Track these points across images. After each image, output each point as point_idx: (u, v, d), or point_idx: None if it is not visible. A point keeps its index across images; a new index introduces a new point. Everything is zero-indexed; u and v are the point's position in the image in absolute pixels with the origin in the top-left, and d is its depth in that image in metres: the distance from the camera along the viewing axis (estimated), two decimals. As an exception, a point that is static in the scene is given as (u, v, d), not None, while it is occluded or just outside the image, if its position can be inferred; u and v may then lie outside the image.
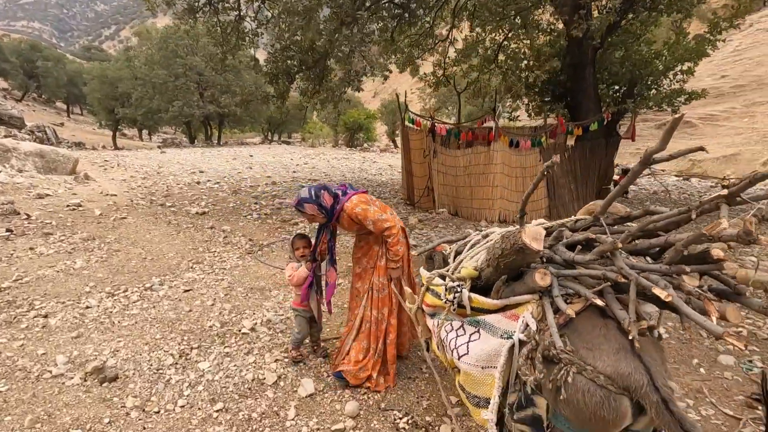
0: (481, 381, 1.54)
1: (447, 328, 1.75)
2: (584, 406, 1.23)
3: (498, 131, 7.34)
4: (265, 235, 6.72)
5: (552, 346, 1.31)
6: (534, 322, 1.44)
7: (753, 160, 24.15)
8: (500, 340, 1.50)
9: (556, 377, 1.27)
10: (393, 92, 46.26)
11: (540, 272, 1.45)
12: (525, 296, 1.52)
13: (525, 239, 1.41)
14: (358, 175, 14.35)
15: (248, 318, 3.64)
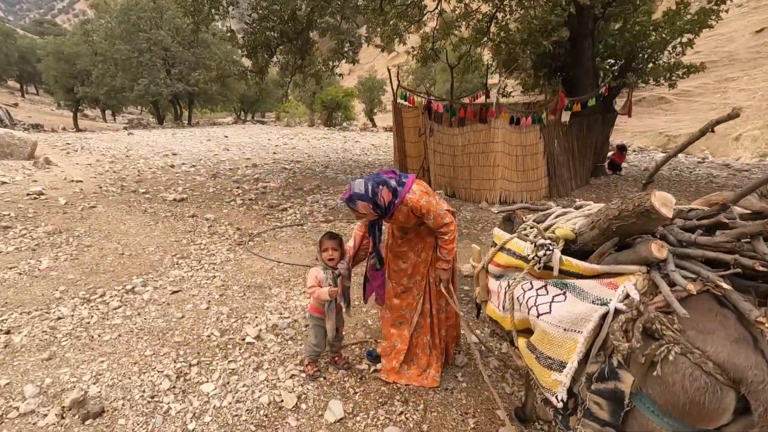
0: (560, 343, 1.46)
1: (525, 286, 1.66)
2: (681, 390, 1.14)
3: (499, 107, 6.95)
4: (254, 223, 6.19)
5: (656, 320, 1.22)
6: (637, 293, 1.34)
7: (726, 135, 24.73)
8: (591, 306, 1.41)
9: (654, 353, 1.19)
10: (369, 69, 45.08)
11: (657, 243, 1.36)
12: (631, 267, 1.43)
13: (655, 202, 1.32)
14: (342, 156, 13.77)
15: (251, 323, 3.19)
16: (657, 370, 1.18)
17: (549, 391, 1.49)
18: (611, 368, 1.31)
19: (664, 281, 1.35)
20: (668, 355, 1.17)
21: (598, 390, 1.32)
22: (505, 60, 8.20)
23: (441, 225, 2.26)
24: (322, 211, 6.90)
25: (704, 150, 23.76)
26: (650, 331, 1.24)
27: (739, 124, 24.97)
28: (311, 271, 2.51)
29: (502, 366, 2.82)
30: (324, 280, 2.45)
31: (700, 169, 10.99)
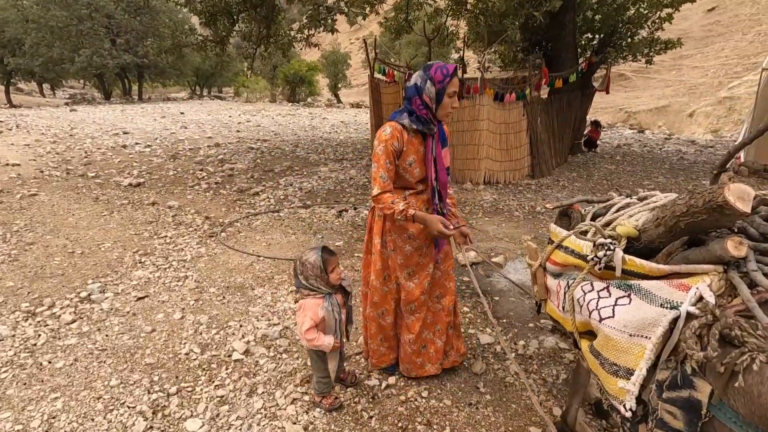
0: (626, 349, 1.36)
1: (586, 288, 1.55)
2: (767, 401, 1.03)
3: (483, 83, 6.60)
4: (224, 210, 5.63)
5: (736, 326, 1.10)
6: (712, 296, 1.22)
7: (681, 112, 25.72)
8: (660, 309, 1.30)
9: (734, 361, 1.08)
10: (332, 42, 43.40)
11: (735, 240, 1.22)
12: (704, 266, 1.29)
13: (729, 197, 1.17)
14: (312, 134, 13.11)
15: (236, 334, 2.76)
16: (739, 380, 1.07)
17: (616, 399, 1.39)
18: (684, 376, 1.20)
19: (744, 282, 1.21)
20: (752, 365, 1.06)
21: (671, 399, 1.23)
22: (490, 32, 7.81)
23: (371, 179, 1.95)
24: (298, 195, 6.41)
25: (661, 126, 24.65)
26: (729, 337, 1.12)
27: (693, 101, 26.01)
28: (306, 306, 1.94)
29: (523, 369, 2.57)
30: (329, 314, 1.97)
31: (668, 145, 11.23)
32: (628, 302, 1.39)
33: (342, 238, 4.73)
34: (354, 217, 5.43)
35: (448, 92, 1.89)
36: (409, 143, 1.95)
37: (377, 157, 1.93)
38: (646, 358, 1.30)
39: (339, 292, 2.08)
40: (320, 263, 1.93)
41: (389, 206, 1.89)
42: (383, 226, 2.12)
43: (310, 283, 1.96)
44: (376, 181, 1.92)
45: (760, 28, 27.75)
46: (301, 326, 1.94)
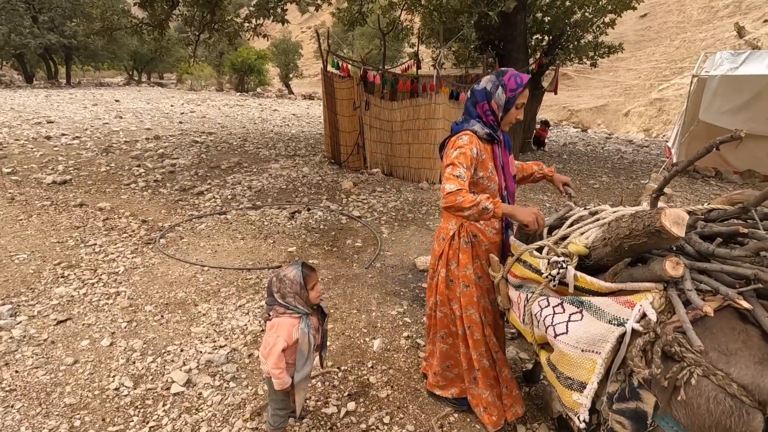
0: (579, 364, 1.45)
1: (542, 303, 1.63)
2: (707, 413, 1.13)
3: (439, 81, 6.53)
4: (164, 212, 5.17)
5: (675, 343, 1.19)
6: (654, 313, 1.31)
7: (618, 111, 27.42)
8: (608, 326, 1.38)
9: (675, 376, 1.17)
10: (282, 30, 41.94)
11: (672, 260, 1.31)
12: (646, 284, 1.38)
13: (665, 222, 1.29)
14: (261, 127, 12.53)
15: (176, 362, 2.47)
16: (681, 393, 1.16)
17: (572, 411, 1.48)
18: (632, 389, 1.30)
19: (680, 300, 1.29)
20: (690, 378, 1.15)
21: (620, 410, 1.31)
22: (445, 29, 7.75)
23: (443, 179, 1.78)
24: (247, 194, 6.04)
25: (600, 124, 26.13)
26: (670, 353, 1.21)
27: (628, 101, 27.79)
28: (281, 325, 1.74)
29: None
30: (305, 336, 1.77)
31: (608, 144, 11.85)
32: (580, 318, 1.47)
33: (294, 242, 4.48)
34: (307, 219, 5.18)
35: (516, 103, 1.85)
36: (485, 150, 1.87)
37: (453, 159, 1.76)
38: (597, 372, 1.38)
39: (315, 314, 1.90)
40: (300, 279, 1.76)
41: (470, 200, 1.67)
42: (472, 253, 1.99)
43: (287, 301, 1.77)
44: (451, 178, 1.71)
45: (685, 35, 30.09)
46: (270, 348, 1.74)
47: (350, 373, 2.52)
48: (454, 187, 1.69)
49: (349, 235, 4.77)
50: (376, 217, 5.43)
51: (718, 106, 7.63)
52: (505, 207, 1.74)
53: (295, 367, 1.79)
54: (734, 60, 7.79)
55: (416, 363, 2.66)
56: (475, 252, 2.00)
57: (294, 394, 1.86)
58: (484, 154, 1.86)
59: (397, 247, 4.54)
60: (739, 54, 7.97)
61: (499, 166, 1.94)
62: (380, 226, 5.10)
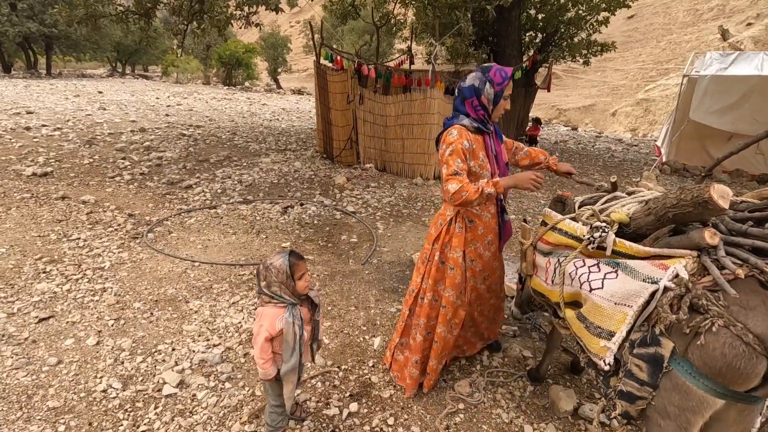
0: (610, 315, 1.61)
1: (578, 263, 1.80)
2: (721, 356, 1.29)
3: (435, 75, 6.45)
4: (151, 206, 4.99)
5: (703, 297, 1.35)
6: (686, 274, 1.46)
7: (605, 111, 27.72)
8: (642, 283, 1.54)
9: (698, 324, 1.33)
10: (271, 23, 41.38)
11: (710, 231, 1.48)
12: (682, 251, 1.54)
13: (713, 194, 1.43)
14: (251, 121, 12.30)
15: (167, 362, 2.35)
16: (701, 339, 1.31)
17: (596, 356, 1.62)
18: (653, 336, 1.44)
19: (714, 265, 1.44)
20: (712, 327, 1.30)
21: (640, 354, 1.47)
22: (442, 24, 7.65)
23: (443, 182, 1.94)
24: (238, 188, 5.88)
25: (588, 123, 26.40)
26: (696, 306, 1.36)
27: (615, 101, 28.11)
28: (264, 314, 1.68)
29: (489, 383, 2.43)
30: (289, 327, 1.68)
31: (598, 143, 11.93)
32: (615, 276, 1.61)
33: (288, 237, 4.36)
34: (301, 214, 5.05)
35: (504, 95, 1.98)
36: (475, 141, 2.00)
37: (447, 159, 1.92)
38: (627, 323, 1.53)
39: (305, 305, 1.81)
40: (286, 268, 1.69)
41: (473, 191, 1.86)
42: (465, 237, 2.13)
43: (272, 291, 1.69)
44: (450, 179, 1.89)
45: (671, 37, 30.55)
46: (254, 337, 1.69)
47: (351, 373, 2.43)
48: (456, 186, 1.86)
49: (343, 231, 4.67)
50: (370, 212, 5.34)
51: (708, 105, 7.72)
52: (504, 182, 1.92)
53: (283, 359, 1.73)
54: (724, 60, 7.88)
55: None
56: (471, 236, 2.15)
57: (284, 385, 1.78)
58: (475, 144, 1.98)
59: (393, 243, 4.45)
60: (728, 55, 8.06)
61: (491, 156, 2.06)
62: (375, 222, 5.01)
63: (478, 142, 2.00)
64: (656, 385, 1.43)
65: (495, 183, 1.88)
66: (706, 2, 29.82)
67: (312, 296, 1.81)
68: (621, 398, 1.52)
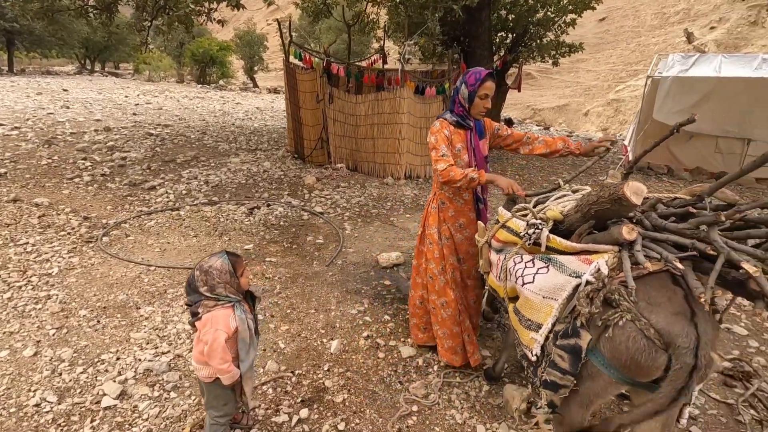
0: (539, 308, 1.69)
1: (516, 259, 1.88)
2: (625, 349, 1.38)
3: (404, 75, 6.44)
4: (109, 209, 4.81)
5: (616, 292, 1.44)
6: (606, 269, 1.52)
7: (578, 110, 28.30)
8: (568, 278, 1.61)
9: (609, 317, 1.42)
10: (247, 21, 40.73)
11: (628, 227, 1.55)
12: (605, 246, 1.62)
13: (626, 191, 1.50)
14: (223, 120, 12.05)
15: (110, 372, 2.25)
16: (609, 331, 1.42)
17: (527, 348, 1.73)
18: (574, 327, 1.52)
19: (629, 260, 1.51)
20: (619, 321, 1.40)
21: (562, 345, 1.55)
22: (410, 23, 7.64)
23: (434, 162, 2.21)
24: (203, 189, 5.73)
25: (562, 123, 26.93)
26: (610, 300, 1.45)
27: (587, 101, 28.74)
28: (215, 318, 1.63)
29: (446, 383, 2.42)
30: (243, 323, 1.68)
31: (569, 142, 12.16)
32: (547, 271, 1.70)
33: (252, 240, 4.26)
34: (267, 215, 4.96)
35: (479, 94, 2.17)
36: (455, 133, 2.25)
37: (434, 144, 2.20)
38: (552, 315, 1.62)
39: (244, 300, 1.78)
40: (229, 266, 1.69)
41: (460, 173, 2.11)
42: (438, 217, 2.40)
43: (217, 293, 1.67)
44: (439, 160, 2.15)
45: (639, 39, 31.42)
46: (210, 344, 1.61)
47: (305, 378, 2.38)
48: (445, 165, 2.14)
49: (310, 232, 4.60)
50: (339, 213, 5.28)
51: (670, 106, 7.95)
52: (488, 175, 2.14)
53: (239, 358, 1.70)
54: (685, 62, 8.13)
55: (375, 364, 2.55)
56: (442, 216, 2.41)
57: (242, 388, 1.75)
58: (454, 136, 2.24)
59: (360, 243, 4.41)
60: (689, 57, 8.33)
61: (470, 149, 2.28)
62: (343, 223, 4.96)
63: (459, 134, 2.26)
64: (577, 374, 1.51)
65: (480, 174, 2.13)
66: (672, 6, 30.78)
67: (253, 290, 1.82)
68: (545, 387, 1.60)
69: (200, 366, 1.69)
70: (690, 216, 1.60)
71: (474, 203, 2.43)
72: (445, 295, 2.42)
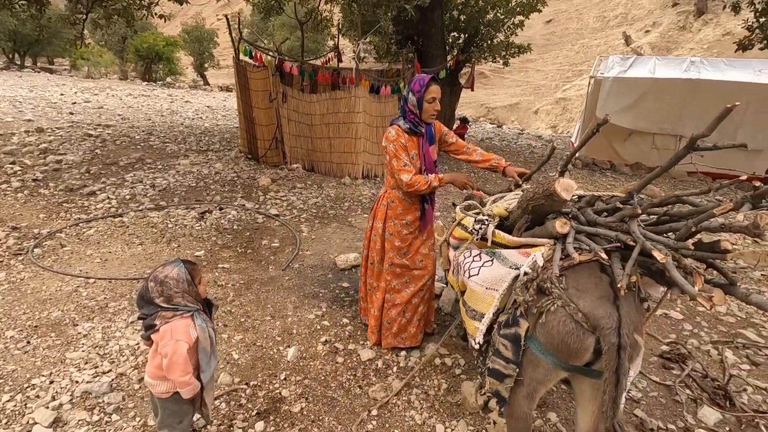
0: (482, 299, 1.79)
1: (466, 254, 1.97)
2: (557, 333, 1.47)
3: (359, 74, 6.39)
4: (42, 217, 4.45)
5: (548, 280, 1.52)
6: (542, 260, 1.63)
7: (528, 109, 29.40)
8: (508, 270, 1.71)
9: (543, 305, 1.50)
10: (195, 16, 39.06)
11: (561, 221, 1.64)
12: (542, 239, 1.72)
13: (557, 187, 1.59)
14: (170, 119, 11.48)
15: (42, 398, 2.06)
16: (543, 318, 1.50)
17: (472, 337, 1.85)
18: (515, 317, 1.62)
19: (561, 252, 1.62)
20: (551, 307, 1.48)
21: (505, 334, 1.63)
22: (363, 22, 7.59)
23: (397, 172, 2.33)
24: (150, 194, 5.43)
25: (514, 121, 27.88)
26: (543, 288, 1.54)
27: (537, 100, 29.91)
28: (175, 329, 1.57)
29: (405, 384, 2.43)
30: (204, 332, 1.65)
31: (521, 140, 12.60)
32: (491, 264, 1.81)
33: (203, 246, 4.08)
34: (219, 219, 4.77)
35: (426, 99, 2.26)
36: (409, 140, 2.34)
37: (394, 153, 2.29)
38: (494, 306, 1.73)
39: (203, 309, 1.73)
40: (186, 275, 1.63)
41: (424, 182, 2.27)
42: (385, 214, 2.51)
43: (175, 302, 1.61)
44: (402, 170, 2.28)
45: (583, 41, 33.08)
46: (170, 356, 1.54)
47: (260, 389, 2.30)
48: (408, 177, 2.27)
49: (265, 236, 4.47)
50: (295, 214, 5.17)
51: (612, 104, 8.42)
52: (445, 177, 2.32)
53: (200, 369, 1.65)
54: (623, 63, 8.65)
55: (334, 369, 2.51)
56: (390, 213, 2.50)
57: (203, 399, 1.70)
58: (409, 143, 2.34)
59: (317, 245, 4.34)
60: (627, 58, 8.86)
61: (422, 155, 2.37)
62: (300, 225, 4.86)
63: (413, 141, 2.35)
64: (519, 362, 1.59)
65: (440, 179, 2.28)
66: (611, 10, 32.64)
67: (210, 298, 1.78)
68: (491, 375, 1.67)
69: (156, 381, 1.62)
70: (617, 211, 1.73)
71: (420, 203, 2.51)
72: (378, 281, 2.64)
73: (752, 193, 1.34)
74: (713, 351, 2.99)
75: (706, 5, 24.28)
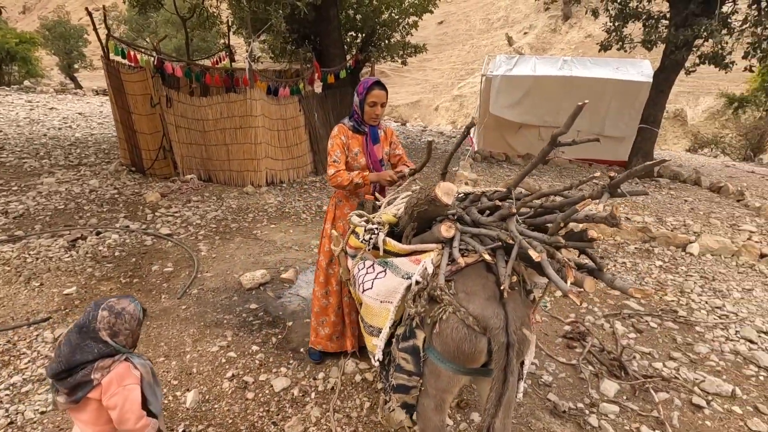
0: (378, 313, 1.72)
1: (360, 266, 1.89)
2: (451, 340, 1.45)
3: (253, 75, 5.97)
4: None
5: (438, 288, 1.50)
6: (432, 267, 1.60)
7: (429, 106, 30.74)
8: (401, 280, 1.65)
9: (435, 314, 1.47)
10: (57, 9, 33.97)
11: (446, 225, 1.63)
12: (431, 245, 1.69)
13: (437, 192, 1.56)
14: (30, 130, 9.76)
15: None
16: (437, 327, 1.47)
17: (371, 354, 1.76)
18: (411, 329, 1.59)
19: (447, 257, 1.60)
20: (443, 315, 1.46)
21: (404, 348, 1.60)
22: (255, 20, 7.12)
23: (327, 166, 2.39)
24: (1, 222, 4.49)
25: (416, 118, 28.92)
26: (434, 297, 1.50)
27: (436, 97, 31.39)
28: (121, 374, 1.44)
29: (325, 410, 2.25)
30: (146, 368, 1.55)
31: (424, 136, 13.04)
32: (384, 276, 1.73)
33: (75, 280, 3.45)
34: (96, 246, 4.09)
35: (367, 102, 2.30)
36: (352, 138, 2.39)
37: (329, 150, 2.35)
38: (390, 319, 1.67)
39: None
40: (139, 314, 1.54)
41: (346, 178, 2.29)
42: (333, 214, 2.52)
43: (118, 341, 1.47)
44: (330, 165, 2.33)
45: (472, 41, 35.47)
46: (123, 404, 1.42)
47: (153, 449, 1.94)
48: (332, 171, 2.32)
49: (155, 260, 3.94)
50: (191, 232, 4.66)
51: (502, 101, 9.06)
52: (371, 176, 2.34)
53: (148, 402, 1.54)
54: (509, 62, 9.34)
55: (244, 409, 2.24)
56: (338, 213, 2.51)
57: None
58: (351, 140, 2.38)
59: (219, 265, 3.94)
60: (512, 58, 9.59)
61: (366, 153, 2.43)
62: (197, 243, 4.38)
63: (356, 139, 2.40)
64: (421, 373, 1.57)
65: (364, 176, 2.31)
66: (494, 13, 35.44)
67: None
68: (396, 392, 1.64)
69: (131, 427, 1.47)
70: (498, 209, 1.75)
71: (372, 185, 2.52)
72: (329, 285, 2.57)
73: (609, 183, 1.44)
74: (606, 324, 3.28)
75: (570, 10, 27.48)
